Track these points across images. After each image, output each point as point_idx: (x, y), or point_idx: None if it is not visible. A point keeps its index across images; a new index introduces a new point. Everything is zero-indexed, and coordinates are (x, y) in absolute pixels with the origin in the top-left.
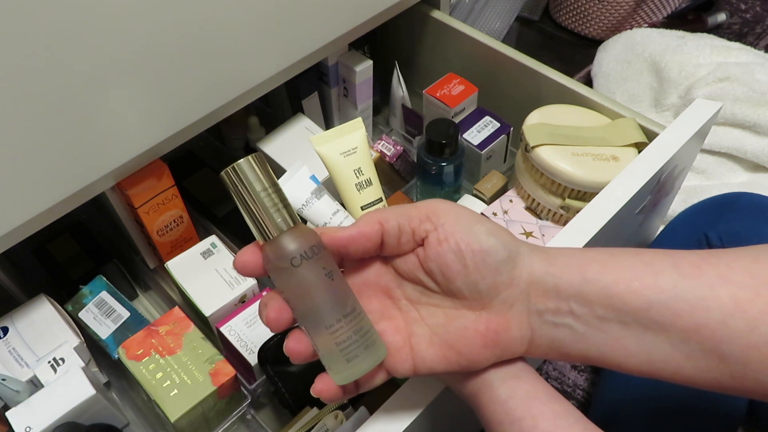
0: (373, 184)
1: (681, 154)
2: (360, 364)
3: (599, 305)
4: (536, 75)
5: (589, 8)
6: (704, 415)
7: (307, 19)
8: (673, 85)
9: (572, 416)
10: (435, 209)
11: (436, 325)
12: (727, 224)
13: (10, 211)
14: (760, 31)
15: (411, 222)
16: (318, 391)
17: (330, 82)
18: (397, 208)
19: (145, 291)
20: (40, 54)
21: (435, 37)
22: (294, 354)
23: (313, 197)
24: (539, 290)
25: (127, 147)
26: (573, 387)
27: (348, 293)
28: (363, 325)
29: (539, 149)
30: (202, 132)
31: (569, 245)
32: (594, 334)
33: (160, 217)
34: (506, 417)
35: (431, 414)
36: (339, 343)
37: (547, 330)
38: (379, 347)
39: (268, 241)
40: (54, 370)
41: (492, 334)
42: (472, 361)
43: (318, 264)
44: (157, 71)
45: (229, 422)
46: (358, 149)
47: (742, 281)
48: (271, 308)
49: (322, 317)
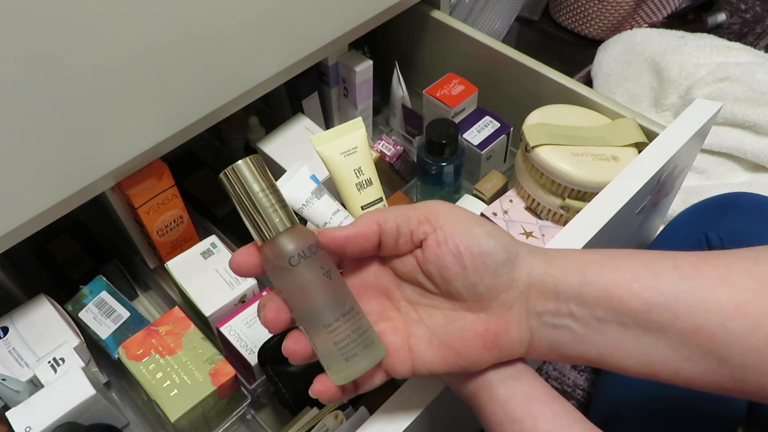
0: (374, 183)
1: (681, 154)
2: (358, 364)
3: (598, 307)
4: (536, 75)
5: (589, 8)
6: (704, 416)
7: (307, 19)
8: (673, 85)
9: (572, 416)
10: (434, 211)
11: (435, 326)
12: (727, 224)
13: (10, 211)
14: (760, 31)
15: (409, 223)
16: (317, 391)
17: (330, 82)
18: (396, 209)
19: (145, 291)
20: (41, 54)
21: (435, 37)
22: (292, 354)
23: (313, 197)
24: (538, 292)
25: (127, 147)
26: (573, 387)
27: (346, 293)
28: (361, 325)
29: (539, 149)
30: (202, 132)
31: (569, 245)
32: (593, 335)
33: (160, 217)
34: (506, 417)
35: (431, 414)
36: (337, 342)
37: (547, 331)
38: (378, 347)
39: (266, 242)
40: (54, 370)
41: (491, 335)
42: (470, 363)
43: (316, 263)
44: (157, 71)
45: (229, 422)
46: (358, 149)
47: (742, 283)
48: (269, 309)
49: (321, 316)
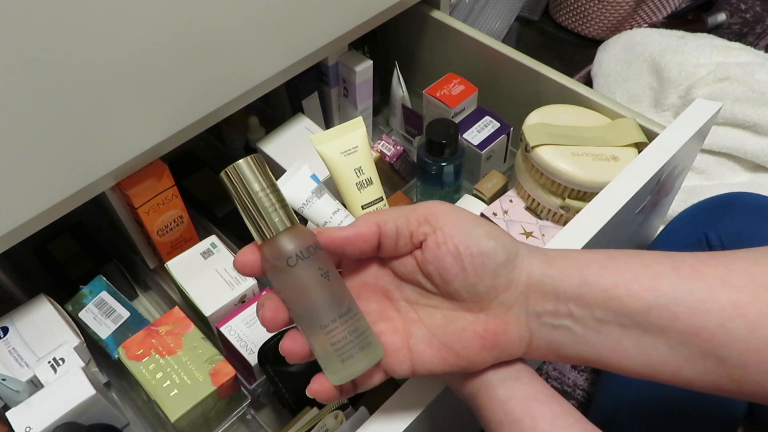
0: (374, 183)
1: (681, 154)
2: (355, 365)
3: (598, 307)
4: (536, 75)
5: (589, 8)
6: (704, 417)
7: (307, 19)
8: (673, 85)
9: (572, 416)
10: (434, 212)
11: (435, 326)
12: (727, 224)
13: (10, 211)
14: (760, 31)
15: (409, 225)
16: (314, 391)
17: (330, 82)
18: (396, 210)
19: (145, 291)
20: (41, 54)
21: (435, 37)
22: (290, 354)
23: (313, 196)
24: (538, 292)
25: (127, 147)
26: (573, 387)
27: (344, 294)
28: (359, 326)
29: (539, 149)
30: (202, 132)
31: (569, 245)
32: (593, 336)
33: (160, 217)
34: (505, 417)
35: (431, 414)
36: (334, 343)
37: (546, 332)
38: (376, 348)
39: (265, 241)
40: (54, 370)
41: (490, 335)
42: (470, 363)
43: (314, 264)
44: (157, 71)
45: (229, 422)
46: (358, 148)
47: (742, 284)
48: (267, 308)
49: (317, 317)
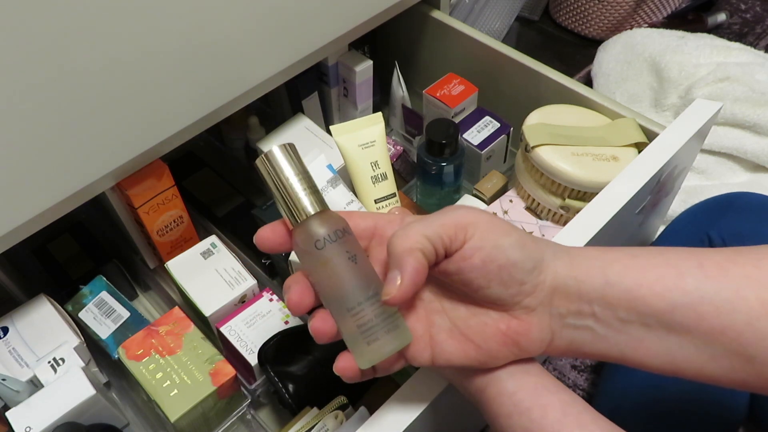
0: (388, 178)
1: (681, 154)
2: (381, 348)
3: (621, 308)
4: (536, 75)
5: (589, 8)
6: (705, 417)
7: (307, 19)
8: (673, 85)
9: (580, 405)
10: (463, 224)
11: (458, 317)
12: (729, 224)
13: (10, 211)
14: (760, 31)
15: (443, 241)
16: (340, 368)
17: (330, 82)
18: (425, 228)
19: (145, 291)
20: (41, 54)
21: (435, 37)
22: (318, 333)
23: (328, 186)
24: (562, 294)
25: (127, 147)
26: (573, 387)
27: (372, 277)
28: (386, 310)
29: (539, 149)
30: (202, 132)
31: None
32: (615, 335)
33: (160, 217)
34: (515, 409)
35: (431, 414)
36: (360, 325)
37: (568, 332)
38: (403, 332)
39: (295, 225)
40: (54, 370)
41: (512, 334)
42: (489, 357)
43: (342, 248)
44: (157, 71)
45: (229, 422)
46: (376, 143)
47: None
48: (294, 291)
49: (344, 299)
